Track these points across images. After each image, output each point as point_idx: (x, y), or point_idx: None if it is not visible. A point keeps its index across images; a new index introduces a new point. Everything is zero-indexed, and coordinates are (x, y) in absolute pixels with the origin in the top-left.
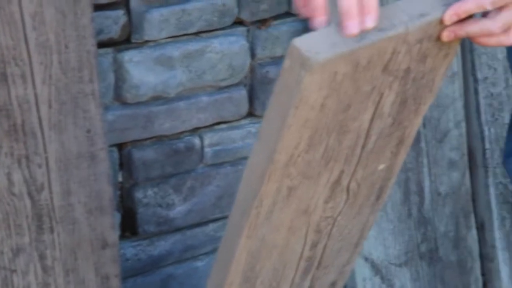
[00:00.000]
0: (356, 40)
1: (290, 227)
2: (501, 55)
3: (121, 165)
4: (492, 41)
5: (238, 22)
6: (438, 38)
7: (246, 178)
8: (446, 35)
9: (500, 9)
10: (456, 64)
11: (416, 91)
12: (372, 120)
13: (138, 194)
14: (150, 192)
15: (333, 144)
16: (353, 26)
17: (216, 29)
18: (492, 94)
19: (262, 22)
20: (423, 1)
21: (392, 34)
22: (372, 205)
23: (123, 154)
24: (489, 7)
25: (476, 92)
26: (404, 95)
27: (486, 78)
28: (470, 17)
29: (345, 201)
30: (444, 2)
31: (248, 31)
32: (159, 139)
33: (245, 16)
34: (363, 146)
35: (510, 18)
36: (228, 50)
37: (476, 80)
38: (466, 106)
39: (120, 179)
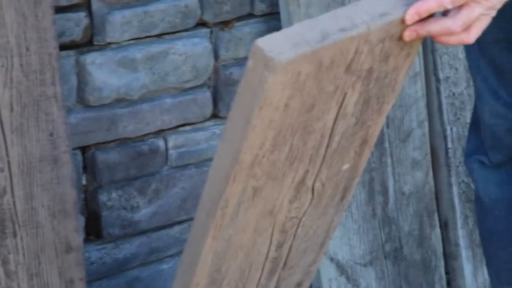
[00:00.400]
0: (318, 40)
1: (256, 228)
2: (462, 55)
3: (85, 168)
4: (453, 39)
5: (201, 24)
6: (400, 38)
7: (211, 179)
8: (407, 35)
9: (460, 7)
10: (418, 64)
11: (379, 91)
12: (335, 120)
13: (102, 197)
14: (114, 195)
15: (298, 144)
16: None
17: (179, 31)
18: (454, 94)
19: (225, 24)
20: (384, 1)
21: (354, 34)
22: (337, 205)
23: (86, 157)
24: (449, 6)
25: (438, 91)
26: (367, 95)
27: (448, 77)
28: (431, 16)
29: (310, 201)
30: (405, 1)
31: (211, 32)
32: (123, 141)
33: (208, 17)
34: (327, 146)
35: (470, 17)
36: (191, 52)
37: (438, 80)
38: (429, 106)
39: (84, 182)
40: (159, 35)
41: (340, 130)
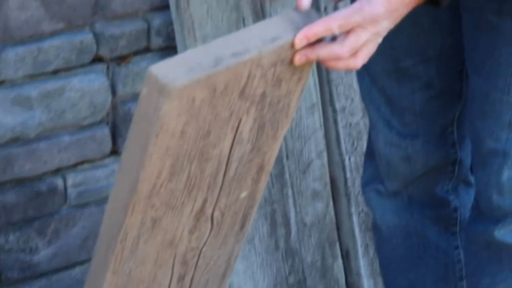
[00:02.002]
0: (212, 65)
1: (157, 260)
2: (357, 85)
3: None
4: (341, 64)
5: (98, 59)
6: (291, 62)
7: (110, 212)
8: (298, 59)
9: (347, 33)
10: (315, 95)
11: (273, 116)
12: (232, 146)
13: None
14: (12, 237)
15: (195, 172)
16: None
17: (75, 67)
18: (350, 124)
19: (122, 59)
20: (275, 26)
21: (246, 58)
22: (237, 234)
23: None
24: (336, 31)
25: (335, 122)
26: (262, 120)
27: (344, 108)
28: (320, 40)
29: (209, 231)
30: (295, 26)
31: (108, 68)
32: (19, 181)
33: (104, 53)
34: (225, 173)
35: (357, 42)
36: (88, 88)
37: (334, 111)
38: (327, 136)
39: None
40: (54, 72)
41: (237, 156)
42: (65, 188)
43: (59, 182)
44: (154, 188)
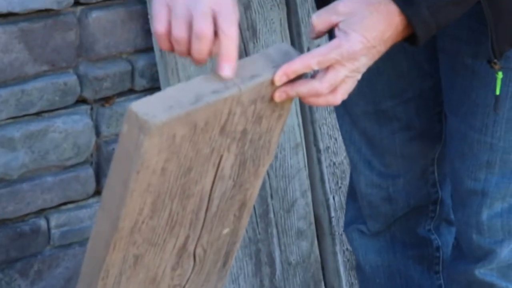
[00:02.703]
0: (192, 102)
1: None
2: None
3: None
4: (320, 101)
5: (81, 101)
6: (271, 99)
7: (91, 249)
8: (278, 96)
9: (326, 69)
10: (299, 135)
11: (254, 153)
12: (213, 183)
13: None
14: None
15: (177, 209)
16: (228, 69)
17: (59, 108)
18: (334, 163)
19: (105, 100)
20: (254, 64)
21: (226, 95)
22: (220, 271)
23: None
24: (315, 67)
25: (319, 161)
26: (243, 157)
27: (328, 147)
28: (300, 77)
29: (192, 268)
30: (274, 64)
31: (91, 109)
32: (2, 222)
33: (88, 94)
34: (207, 210)
35: (336, 79)
36: (72, 129)
37: (318, 150)
38: (311, 176)
39: None
40: (37, 113)
41: (219, 193)
42: (49, 228)
43: (42, 223)
44: (135, 225)
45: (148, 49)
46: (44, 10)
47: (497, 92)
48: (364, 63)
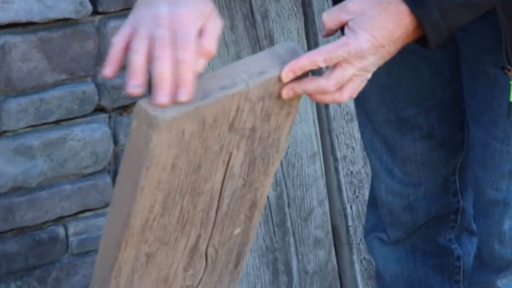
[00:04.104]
0: (200, 98)
1: None
2: (358, 134)
3: None
4: (327, 98)
5: (100, 109)
6: (279, 96)
7: (103, 248)
8: (285, 93)
9: (334, 67)
10: (316, 144)
11: (263, 151)
12: (223, 181)
13: None
14: (13, 286)
15: (188, 207)
16: (162, 96)
17: (77, 117)
18: (352, 172)
19: (123, 108)
20: (261, 61)
21: (234, 91)
22: (231, 273)
23: None
24: (321, 64)
25: (336, 171)
26: (253, 155)
27: (345, 157)
28: (307, 74)
29: (204, 268)
30: (282, 60)
31: (110, 117)
32: (21, 230)
33: (106, 103)
34: (217, 209)
35: (343, 77)
36: (90, 138)
37: (336, 159)
38: (328, 185)
39: None
40: (56, 122)
41: (229, 192)
42: (67, 236)
43: (60, 230)
44: (146, 222)
45: None
46: (62, 19)
47: (511, 99)
48: (372, 62)
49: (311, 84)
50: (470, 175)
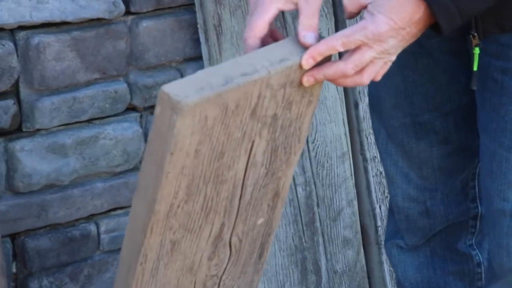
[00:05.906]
0: (222, 84)
1: (177, 287)
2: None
3: (15, 256)
4: (348, 81)
5: (131, 108)
6: (300, 84)
7: (129, 234)
8: (306, 80)
9: (353, 51)
10: (345, 144)
11: (285, 140)
12: (246, 169)
13: (33, 285)
14: (45, 282)
15: (211, 194)
16: (311, 37)
17: (109, 116)
18: (381, 173)
19: (155, 108)
20: (282, 48)
21: (255, 77)
22: (255, 263)
23: (16, 244)
24: (340, 49)
25: (366, 171)
26: (275, 144)
27: (374, 157)
28: (327, 60)
29: (228, 258)
30: (302, 48)
31: (141, 116)
32: (53, 227)
33: (138, 102)
34: (241, 198)
35: (361, 60)
36: (122, 136)
37: (365, 160)
38: (357, 185)
39: (14, 270)
40: (88, 120)
41: (252, 181)
42: (98, 234)
43: (92, 228)
44: (171, 208)
45: (197, 57)
46: (96, 19)
47: (475, 68)
48: (393, 45)
49: (330, 69)
50: (481, 183)
